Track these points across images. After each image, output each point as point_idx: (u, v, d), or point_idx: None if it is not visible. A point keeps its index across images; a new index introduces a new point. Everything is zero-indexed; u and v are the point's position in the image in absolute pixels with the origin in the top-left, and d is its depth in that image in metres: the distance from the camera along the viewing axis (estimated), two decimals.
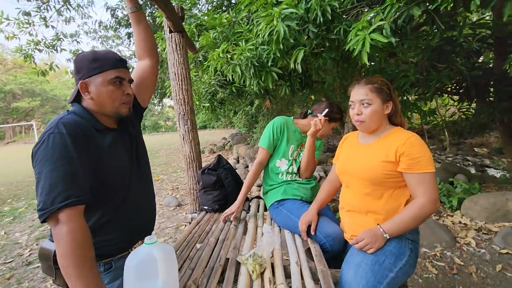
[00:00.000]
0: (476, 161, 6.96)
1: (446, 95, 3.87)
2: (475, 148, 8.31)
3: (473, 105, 3.71)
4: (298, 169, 1.56)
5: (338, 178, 1.23)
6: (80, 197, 0.73)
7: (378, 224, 1.00)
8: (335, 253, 1.19)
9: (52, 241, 0.81)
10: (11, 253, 2.74)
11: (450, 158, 7.35)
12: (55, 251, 0.78)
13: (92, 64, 0.84)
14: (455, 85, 3.59)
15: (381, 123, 1.06)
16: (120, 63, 0.88)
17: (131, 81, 0.92)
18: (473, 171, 5.94)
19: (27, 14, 5.13)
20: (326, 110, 1.47)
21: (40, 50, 5.46)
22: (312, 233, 1.21)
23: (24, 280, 2.25)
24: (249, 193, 1.63)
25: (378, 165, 1.01)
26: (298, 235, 1.29)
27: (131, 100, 0.92)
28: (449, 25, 2.81)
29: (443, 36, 2.84)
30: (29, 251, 2.76)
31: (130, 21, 1.13)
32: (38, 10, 5.25)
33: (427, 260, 2.15)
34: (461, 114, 3.91)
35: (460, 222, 2.57)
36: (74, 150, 0.74)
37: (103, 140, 0.86)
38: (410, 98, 4.04)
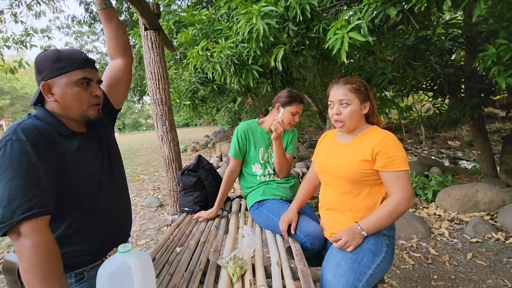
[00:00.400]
0: (449, 153, 7.32)
1: (421, 91, 4.03)
2: (448, 141, 8.74)
3: (446, 101, 3.88)
4: (274, 169, 1.56)
5: (317, 176, 1.25)
6: (44, 207, 0.68)
7: (356, 222, 1.02)
8: (316, 251, 1.20)
9: None
10: None
11: (426, 151, 7.69)
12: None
13: (55, 64, 0.78)
14: (429, 82, 3.75)
15: (358, 122, 1.09)
16: (87, 63, 0.82)
17: (99, 82, 0.87)
18: (446, 163, 6.25)
19: (0, 12, 4.84)
20: (282, 110, 1.46)
21: (8, 47, 5.16)
22: (293, 232, 1.22)
23: None
24: (231, 191, 1.63)
25: (356, 164, 1.04)
26: (280, 235, 1.29)
27: (100, 102, 0.87)
28: (423, 25, 2.91)
29: (418, 35, 2.94)
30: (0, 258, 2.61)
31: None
32: (11, 7, 4.95)
33: (404, 252, 2.23)
34: (435, 109, 4.08)
35: (434, 214, 2.70)
36: (35, 157, 0.69)
37: (69, 145, 0.80)
38: (388, 94, 4.18)
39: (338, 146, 1.15)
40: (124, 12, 6.57)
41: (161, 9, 1.98)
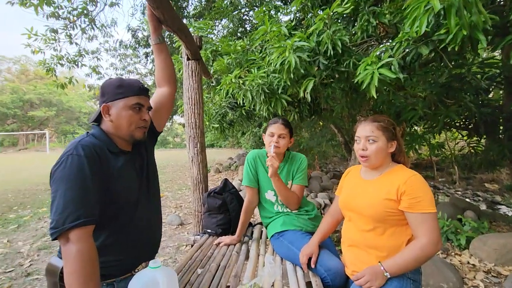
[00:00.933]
0: (486, 197, 6.77)
1: (455, 129, 3.87)
2: (485, 184, 8.11)
3: (483, 140, 3.69)
4: None
5: (341, 211, 1.24)
6: (89, 217, 0.76)
7: (379, 262, 0.99)
8: None
9: (60, 258, 0.83)
10: (12, 262, 2.74)
11: (459, 192, 7.18)
12: (62, 268, 0.80)
13: (117, 90, 0.91)
14: (463, 120, 3.61)
15: (384, 160, 1.10)
16: (142, 91, 0.95)
17: (149, 108, 0.99)
18: (483, 207, 5.78)
19: (54, 31, 5.47)
20: (273, 145, 1.46)
21: (62, 65, 5.77)
22: (313, 266, 1.20)
23: None
24: (252, 217, 1.65)
25: (380, 203, 1.03)
26: (300, 267, 1.27)
27: (147, 126, 0.98)
28: (457, 63, 2.88)
29: (452, 73, 2.90)
30: (29, 262, 2.75)
31: (150, 45, 1.22)
32: (65, 28, 5.60)
33: None
34: (470, 149, 3.88)
35: (468, 263, 2.48)
36: (89, 171, 0.78)
37: (116, 162, 0.90)
38: (418, 130, 4.06)
39: (362, 182, 1.15)
40: (165, 39, 7.17)
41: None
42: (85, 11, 5.59)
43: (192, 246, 1.64)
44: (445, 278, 2.18)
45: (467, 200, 5.35)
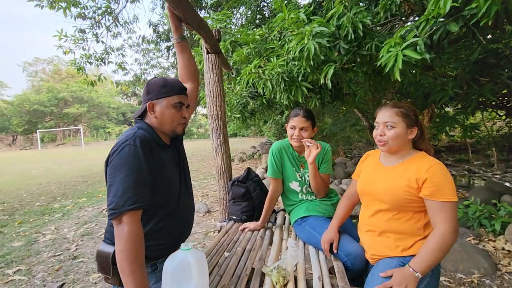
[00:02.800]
0: None
1: (491, 109, 3.61)
2: None
3: None
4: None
5: (357, 194, 1.26)
6: (143, 203, 0.85)
7: (407, 265, 0.97)
8: (357, 272, 1.19)
9: (109, 244, 0.93)
10: (60, 247, 3.05)
11: (497, 176, 6.73)
12: (113, 252, 0.90)
13: (161, 89, 0.99)
14: (500, 98, 3.36)
15: (403, 146, 1.08)
16: (183, 90, 1.03)
17: (188, 106, 1.06)
18: None
19: (82, 31, 5.75)
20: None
21: (90, 63, 6.08)
22: (335, 251, 1.23)
23: (70, 273, 2.49)
24: (276, 205, 1.70)
25: (400, 189, 1.03)
26: (322, 251, 1.31)
27: (186, 122, 1.06)
28: (493, 37, 2.66)
29: (487, 48, 2.69)
30: (75, 246, 3.04)
31: (170, 38, 1.28)
32: (91, 28, 5.85)
33: (463, 287, 2.01)
34: (510, 128, 3.62)
35: (503, 249, 2.37)
36: (144, 161, 0.87)
37: (163, 154, 0.99)
38: (449, 111, 3.84)
39: (382, 169, 1.15)
40: (185, 31, 7.26)
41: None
42: (108, 10, 5.80)
43: (219, 231, 1.73)
44: (476, 264, 2.12)
45: (507, 184, 5.03)
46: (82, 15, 5.43)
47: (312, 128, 1.53)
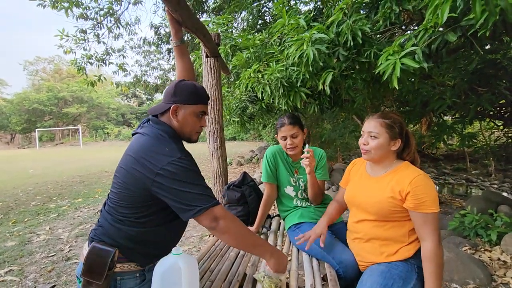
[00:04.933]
0: None
1: (488, 119, 3.63)
2: None
3: None
4: (306, 192, 1.56)
5: (344, 201, 1.29)
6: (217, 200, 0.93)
7: None
8: (349, 280, 1.19)
9: (107, 244, 0.91)
10: (54, 248, 3.02)
11: (495, 185, 6.74)
12: (113, 254, 0.87)
13: (190, 96, 0.97)
14: (498, 109, 3.38)
15: (386, 156, 1.12)
16: (207, 100, 1.03)
17: (207, 114, 1.07)
18: None
19: (83, 31, 5.77)
20: (306, 145, 1.45)
21: (91, 63, 6.09)
22: (321, 245, 1.21)
23: (63, 274, 2.46)
24: (272, 208, 1.69)
25: (385, 201, 1.06)
26: (316, 258, 1.30)
27: (201, 131, 1.07)
28: (491, 48, 2.68)
29: (485, 59, 2.71)
30: (69, 247, 3.01)
31: (171, 44, 1.28)
32: (93, 28, 5.88)
33: None
34: (508, 138, 3.63)
35: (499, 259, 2.36)
36: (197, 169, 0.95)
37: None
38: (447, 120, 3.85)
39: (368, 179, 1.18)
40: (186, 34, 7.30)
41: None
42: (110, 11, 5.83)
43: (213, 236, 1.72)
44: (472, 274, 2.10)
45: (504, 194, 5.03)
46: (84, 15, 5.45)
47: (302, 131, 1.53)
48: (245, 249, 0.86)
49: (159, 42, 8.20)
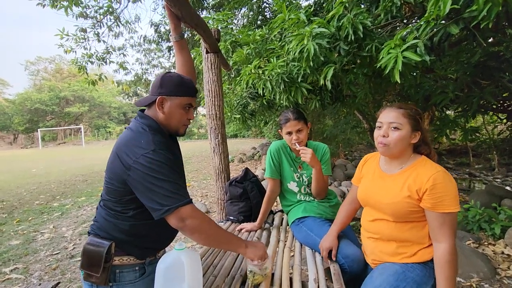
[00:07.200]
0: None
1: (491, 112, 3.60)
2: None
3: None
4: (310, 187, 1.56)
5: (357, 199, 1.22)
6: (190, 198, 0.91)
7: None
8: (354, 275, 1.18)
9: (102, 238, 0.93)
10: (58, 246, 3.04)
11: (498, 180, 6.70)
12: (108, 247, 0.89)
13: (176, 87, 0.96)
14: (501, 102, 3.35)
15: (405, 150, 1.03)
16: (195, 93, 1.02)
17: (195, 108, 1.06)
18: None
19: (83, 30, 5.75)
20: (296, 143, 1.46)
21: (92, 62, 6.08)
22: (333, 258, 1.21)
23: (67, 271, 2.48)
24: (274, 204, 1.70)
25: (402, 202, 0.99)
26: (318, 253, 1.30)
27: (189, 124, 1.05)
28: (494, 40, 2.65)
29: (488, 51, 2.68)
30: (73, 245, 3.03)
31: (171, 40, 1.27)
32: (93, 27, 5.86)
33: None
34: (511, 132, 3.60)
35: (502, 253, 2.35)
36: (174, 163, 0.91)
37: (173, 149, 0.99)
38: (450, 114, 3.83)
39: (383, 177, 1.10)
40: (187, 31, 7.27)
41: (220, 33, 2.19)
42: (110, 9, 5.81)
43: None
44: (476, 267, 2.10)
45: (507, 188, 5.00)
46: (84, 14, 5.44)
47: (306, 125, 1.52)
48: (217, 247, 0.83)
49: (159, 40, 8.18)
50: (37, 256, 2.79)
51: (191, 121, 1.04)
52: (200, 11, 6.73)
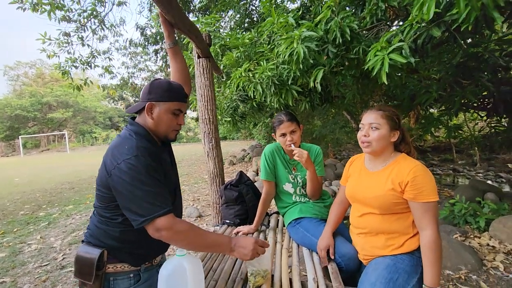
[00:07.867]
0: (510, 178, 6.54)
1: (472, 110, 3.75)
2: (508, 164, 7.81)
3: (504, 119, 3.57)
4: (305, 188, 1.59)
5: (347, 199, 1.29)
6: (171, 207, 0.89)
7: (424, 285, 1.00)
8: (351, 273, 1.22)
9: (93, 245, 0.92)
10: (47, 257, 2.95)
11: (480, 174, 6.97)
12: (100, 255, 0.88)
13: (165, 93, 0.96)
14: (481, 100, 3.49)
15: (386, 149, 1.13)
16: (184, 98, 1.02)
17: (185, 113, 1.06)
18: (506, 188, 5.60)
19: (67, 34, 5.61)
20: (291, 144, 1.49)
21: (76, 67, 5.92)
22: (332, 257, 1.24)
23: (58, 283, 2.41)
24: (269, 208, 1.72)
25: (386, 194, 1.07)
26: (316, 253, 1.33)
27: (180, 129, 1.05)
28: (473, 42, 2.77)
29: (468, 52, 2.80)
30: (62, 255, 2.95)
31: (158, 42, 1.27)
32: (77, 31, 5.73)
33: (451, 283, 2.07)
34: (491, 129, 3.76)
35: (488, 245, 2.45)
36: (156, 171, 0.90)
37: (162, 157, 0.98)
38: (434, 113, 3.96)
39: (367, 174, 1.19)
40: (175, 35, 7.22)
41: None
42: (94, 13, 5.69)
43: None
44: (463, 260, 2.18)
45: (489, 182, 5.21)
46: (67, 18, 5.31)
47: (299, 126, 1.55)
48: (201, 251, 0.83)
49: (146, 43, 8.08)
50: (25, 269, 2.70)
51: (181, 126, 1.04)
52: (186, 14, 6.71)
